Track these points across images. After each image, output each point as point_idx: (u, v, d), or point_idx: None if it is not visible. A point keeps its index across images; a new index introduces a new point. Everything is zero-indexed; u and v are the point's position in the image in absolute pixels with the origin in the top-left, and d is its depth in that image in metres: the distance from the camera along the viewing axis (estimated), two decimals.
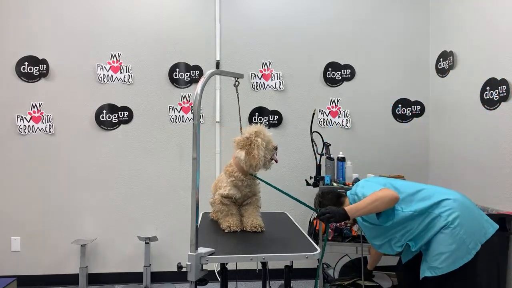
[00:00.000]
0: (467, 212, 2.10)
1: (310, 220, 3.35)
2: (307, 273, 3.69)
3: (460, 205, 2.12)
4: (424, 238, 2.17)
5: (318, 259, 1.72)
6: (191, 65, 3.68)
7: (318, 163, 3.21)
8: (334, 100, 3.82)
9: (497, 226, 2.15)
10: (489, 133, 3.05)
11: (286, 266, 1.96)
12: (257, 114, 3.75)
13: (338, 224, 3.16)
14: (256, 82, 3.75)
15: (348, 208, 2.02)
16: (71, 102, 3.57)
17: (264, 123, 3.74)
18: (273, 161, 2.08)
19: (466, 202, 2.16)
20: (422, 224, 2.15)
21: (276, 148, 2.07)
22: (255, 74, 3.75)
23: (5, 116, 3.50)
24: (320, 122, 3.81)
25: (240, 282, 3.60)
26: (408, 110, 3.89)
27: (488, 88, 3.05)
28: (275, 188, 1.98)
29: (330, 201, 2.43)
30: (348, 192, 2.39)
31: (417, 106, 3.90)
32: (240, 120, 2.23)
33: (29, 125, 3.51)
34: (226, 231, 2.07)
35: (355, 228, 3.17)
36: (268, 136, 2.06)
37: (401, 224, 2.18)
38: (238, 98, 2.17)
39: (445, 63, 3.62)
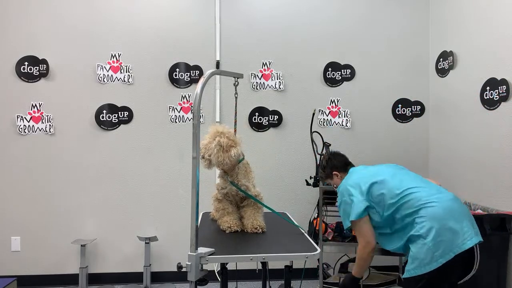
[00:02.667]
0: (444, 221, 1.99)
1: (310, 220, 3.35)
2: (307, 273, 3.69)
3: (438, 212, 2.01)
4: (395, 240, 2.17)
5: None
6: (191, 65, 3.68)
7: (318, 163, 3.21)
8: (334, 100, 3.82)
9: (477, 240, 1.99)
10: (489, 133, 3.05)
11: (286, 266, 1.96)
12: (257, 114, 3.75)
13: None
14: (256, 82, 3.75)
15: (351, 274, 2.31)
16: (71, 102, 3.57)
17: (264, 123, 3.74)
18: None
19: (448, 207, 2.04)
20: (395, 226, 2.16)
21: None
22: (255, 74, 3.75)
23: (5, 116, 3.50)
24: (320, 122, 3.81)
25: (240, 282, 3.60)
26: (408, 110, 3.89)
27: (488, 88, 3.05)
28: (251, 197, 2.01)
29: (339, 162, 2.49)
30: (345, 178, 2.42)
31: (417, 106, 3.89)
32: (235, 119, 2.21)
33: (29, 125, 3.51)
34: (227, 231, 2.07)
35: None
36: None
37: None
38: (236, 97, 2.16)
39: (445, 63, 3.62)
